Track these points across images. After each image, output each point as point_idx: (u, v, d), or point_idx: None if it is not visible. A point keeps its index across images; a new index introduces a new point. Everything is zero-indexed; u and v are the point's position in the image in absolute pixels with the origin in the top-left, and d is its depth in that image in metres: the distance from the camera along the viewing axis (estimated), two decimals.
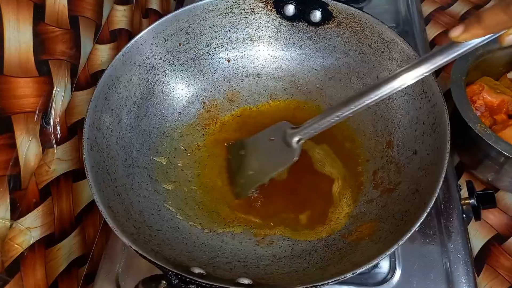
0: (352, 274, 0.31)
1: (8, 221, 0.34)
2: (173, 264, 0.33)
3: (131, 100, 0.44)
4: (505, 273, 0.48)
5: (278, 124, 0.43)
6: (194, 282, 0.30)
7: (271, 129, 0.44)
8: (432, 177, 0.36)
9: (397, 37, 0.43)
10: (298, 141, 0.40)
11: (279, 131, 0.42)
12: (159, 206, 0.41)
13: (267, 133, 0.44)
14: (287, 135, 0.41)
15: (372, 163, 0.44)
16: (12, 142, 0.33)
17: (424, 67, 0.33)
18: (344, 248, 0.38)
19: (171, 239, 0.38)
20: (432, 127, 0.39)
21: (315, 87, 0.50)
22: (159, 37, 0.45)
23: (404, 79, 0.34)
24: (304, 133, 0.40)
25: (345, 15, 0.46)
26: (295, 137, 0.40)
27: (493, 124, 0.51)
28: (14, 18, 0.32)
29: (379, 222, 0.38)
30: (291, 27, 0.49)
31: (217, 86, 0.50)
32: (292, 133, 0.40)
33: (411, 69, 0.33)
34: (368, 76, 0.47)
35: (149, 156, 0.44)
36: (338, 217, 0.41)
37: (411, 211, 0.36)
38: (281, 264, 0.38)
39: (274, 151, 0.42)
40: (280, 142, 0.41)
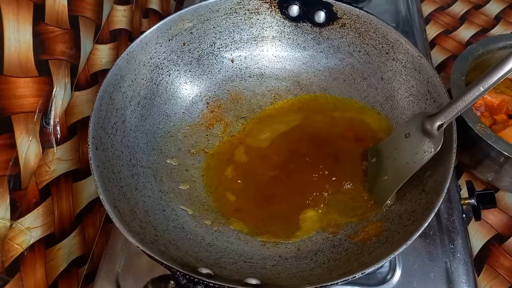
0: (361, 274, 0.31)
1: (8, 221, 0.33)
2: (180, 264, 0.32)
3: (135, 100, 0.44)
4: (505, 273, 0.48)
5: (413, 117, 0.40)
6: (202, 282, 0.30)
7: (405, 124, 0.41)
8: (439, 177, 0.36)
9: (401, 38, 0.43)
10: (439, 126, 0.37)
11: (415, 123, 0.39)
12: (164, 206, 0.41)
13: (402, 130, 0.40)
14: (425, 124, 0.37)
15: None
16: (12, 142, 0.33)
17: None
18: (350, 248, 0.38)
19: (176, 239, 0.38)
20: None
21: (319, 87, 0.50)
22: (163, 36, 0.45)
23: None
24: (445, 116, 0.36)
25: (350, 16, 0.46)
26: (435, 123, 0.36)
27: (493, 124, 0.51)
28: (14, 18, 0.32)
29: (386, 223, 0.38)
30: (295, 27, 0.49)
31: (220, 86, 0.50)
32: (431, 120, 0.37)
33: None
34: (373, 77, 0.47)
35: (153, 156, 0.44)
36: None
37: (418, 211, 0.35)
38: (288, 265, 0.37)
39: (412, 146, 0.39)
40: (418, 135, 0.38)
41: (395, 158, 0.40)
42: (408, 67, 0.43)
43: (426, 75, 0.41)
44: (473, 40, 0.70)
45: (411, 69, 0.43)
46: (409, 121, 0.40)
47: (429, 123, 0.37)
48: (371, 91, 0.47)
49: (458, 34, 0.71)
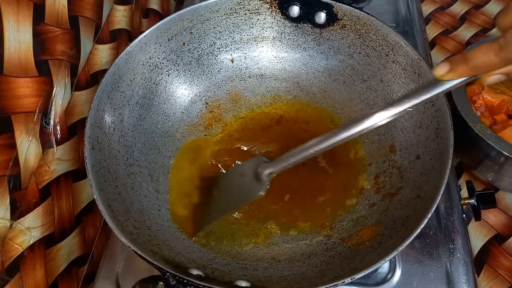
0: (350, 279, 0.31)
1: (8, 221, 0.34)
2: (171, 265, 0.33)
3: (133, 100, 0.44)
4: (505, 273, 0.48)
5: (253, 159, 0.42)
6: (191, 284, 0.30)
7: (244, 164, 0.43)
8: (434, 182, 0.35)
9: (402, 40, 0.43)
10: (269, 174, 0.38)
11: (251, 165, 0.40)
12: (160, 206, 0.41)
13: (239, 168, 0.42)
14: (258, 168, 0.39)
15: (374, 167, 0.44)
16: (12, 142, 0.33)
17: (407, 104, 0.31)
18: (344, 252, 0.38)
19: (170, 239, 0.38)
20: (435, 132, 0.39)
21: (318, 89, 0.50)
22: (163, 36, 0.45)
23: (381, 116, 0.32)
24: (277, 166, 0.38)
25: (350, 18, 0.45)
26: (266, 170, 0.38)
27: (493, 124, 0.51)
28: (14, 18, 0.32)
29: (380, 227, 0.38)
30: (295, 28, 0.49)
31: (220, 86, 0.50)
32: (265, 166, 0.38)
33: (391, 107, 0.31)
34: (372, 79, 0.46)
35: (150, 155, 0.44)
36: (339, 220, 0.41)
37: (412, 216, 0.35)
38: (280, 267, 0.38)
39: (242, 186, 0.40)
40: (250, 175, 0.39)
41: (225, 193, 0.42)
42: (408, 70, 0.43)
43: (425, 78, 0.41)
44: (473, 40, 0.69)
45: (411, 72, 0.42)
46: (248, 163, 0.42)
47: (262, 169, 0.38)
48: (371, 93, 0.47)
49: (458, 34, 0.71)
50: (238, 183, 0.41)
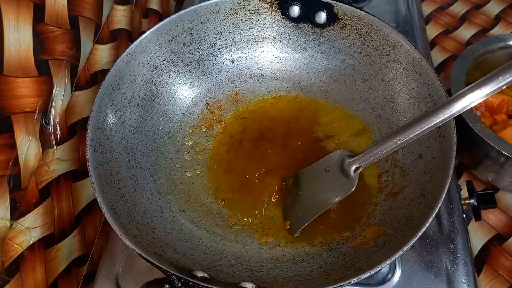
0: (356, 279, 0.31)
1: (8, 221, 0.34)
2: (176, 267, 0.32)
3: (134, 101, 0.43)
4: (505, 273, 0.48)
5: (335, 153, 0.41)
6: (197, 286, 0.30)
7: (327, 158, 0.42)
8: (438, 181, 0.35)
9: (403, 40, 0.43)
10: (356, 169, 0.38)
11: (335, 160, 0.40)
12: (162, 208, 0.41)
13: (323, 163, 0.42)
14: (344, 164, 0.39)
15: (376, 166, 0.44)
16: (12, 142, 0.33)
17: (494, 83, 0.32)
18: (348, 252, 0.37)
19: (174, 241, 0.38)
20: (438, 131, 0.39)
21: (319, 89, 0.50)
22: (163, 37, 0.45)
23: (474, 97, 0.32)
24: (362, 161, 0.37)
25: (351, 17, 0.45)
26: (353, 166, 0.38)
27: (493, 124, 0.51)
28: (14, 18, 0.32)
29: (384, 227, 0.38)
30: (296, 28, 0.49)
31: (221, 87, 0.50)
32: (350, 162, 0.38)
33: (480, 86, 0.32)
34: (373, 79, 0.46)
35: (152, 157, 0.44)
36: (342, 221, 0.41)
37: (416, 216, 0.35)
38: (285, 268, 0.37)
39: (330, 181, 0.40)
40: (337, 172, 0.39)
41: (312, 190, 0.41)
42: (409, 69, 0.43)
43: (427, 78, 0.41)
44: (473, 40, 0.70)
45: (412, 71, 0.42)
46: (331, 156, 0.41)
47: (347, 164, 0.38)
48: (372, 92, 0.47)
49: (458, 34, 0.71)
50: (324, 178, 0.41)
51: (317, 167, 0.42)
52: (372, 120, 0.46)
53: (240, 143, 0.47)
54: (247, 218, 0.42)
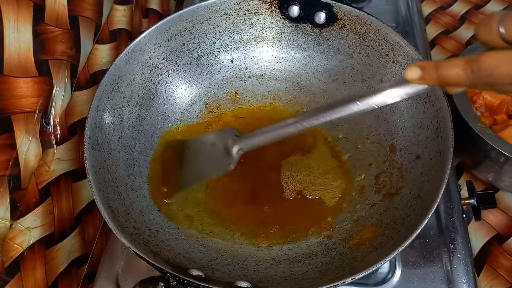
0: (351, 279, 0.31)
1: (8, 221, 0.34)
2: (171, 265, 0.33)
3: (133, 100, 0.44)
4: (505, 273, 0.48)
5: (224, 130, 0.42)
6: (192, 285, 0.30)
7: (215, 134, 0.43)
8: (435, 182, 0.35)
9: (402, 40, 0.43)
10: (238, 151, 0.39)
11: (223, 137, 0.41)
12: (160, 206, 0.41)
13: (211, 137, 0.43)
14: (228, 143, 0.39)
15: (374, 167, 0.44)
16: (12, 142, 0.33)
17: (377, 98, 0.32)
18: (344, 252, 0.38)
19: (170, 240, 0.38)
20: (435, 132, 0.39)
21: (318, 89, 0.50)
22: (162, 37, 0.45)
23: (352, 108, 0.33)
24: (245, 144, 0.39)
25: (350, 17, 0.45)
26: (235, 146, 0.39)
27: (493, 124, 0.51)
28: (14, 18, 0.32)
29: (380, 227, 0.38)
30: (295, 28, 0.49)
31: (220, 86, 0.50)
32: (234, 142, 0.39)
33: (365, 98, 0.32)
34: (372, 79, 0.46)
35: (150, 156, 0.44)
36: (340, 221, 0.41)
37: (412, 216, 0.35)
38: (281, 268, 0.38)
39: (212, 156, 0.41)
40: (220, 149, 0.40)
41: (195, 160, 0.42)
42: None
43: None
44: (473, 40, 0.69)
45: None
46: (220, 132, 0.42)
47: (232, 143, 0.39)
48: None
49: (458, 34, 0.71)
50: (209, 152, 0.42)
51: (204, 140, 0.43)
52: (370, 121, 0.46)
53: None
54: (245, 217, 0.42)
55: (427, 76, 0.28)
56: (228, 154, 0.39)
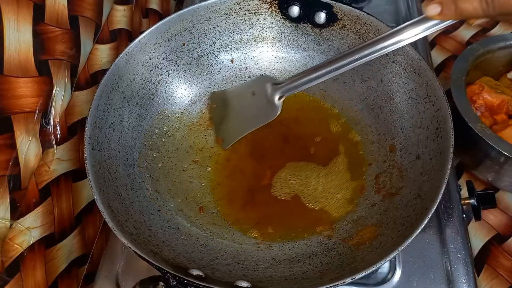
0: (351, 279, 0.31)
1: (8, 221, 0.34)
2: (171, 265, 0.33)
3: (133, 100, 0.44)
4: (505, 273, 0.48)
5: (261, 78, 0.44)
6: (192, 284, 0.30)
7: (253, 82, 0.44)
8: (435, 182, 0.35)
9: None
10: (280, 98, 0.40)
11: (261, 85, 0.42)
12: (160, 206, 0.41)
13: (250, 86, 0.44)
14: (269, 91, 0.41)
15: (374, 167, 0.44)
16: (12, 142, 0.33)
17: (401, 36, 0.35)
18: (344, 252, 0.38)
19: (170, 240, 0.38)
20: (435, 132, 0.39)
21: (318, 89, 0.50)
22: (162, 36, 0.45)
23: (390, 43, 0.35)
24: (286, 90, 0.40)
25: (350, 18, 0.45)
26: (276, 94, 0.40)
27: (493, 124, 0.51)
28: (14, 18, 0.32)
29: (380, 227, 0.38)
30: (295, 28, 0.49)
31: (220, 86, 0.50)
32: (274, 89, 0.40)
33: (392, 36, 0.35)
34: (372, 79, 0.46)
35: (150, 156, 0.44)
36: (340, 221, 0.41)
37: (412, 216, 0.35)
38: (281, 267, 0.38)
39: (255, 105, 0.42)
40: (262, 97, 0.41)
41: (239, 110, 0.44)
42: (408, 70, 0.43)
43: (425, 78, 0.41)
44: (473, 40, 0.69)
45: (411, 71, 0.42)
46: (256, 80, 0.44)
47: (272, 91, 0.41)
48: (371, 93, 0.47)
49: (458, 34, 0.71)
50: (251, 101, 0.43)
51: (244, 89, 0.45)
52: (370, 121, 0.46)
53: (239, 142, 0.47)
54: (245, 217, 0.42)
55: (446, 11, 0.30)
56: (270, 102, 0.40)
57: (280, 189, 0.44)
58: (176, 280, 0.30)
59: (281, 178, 0.44)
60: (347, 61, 0.37)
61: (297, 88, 0.40)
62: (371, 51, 0.35)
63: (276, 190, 0.44)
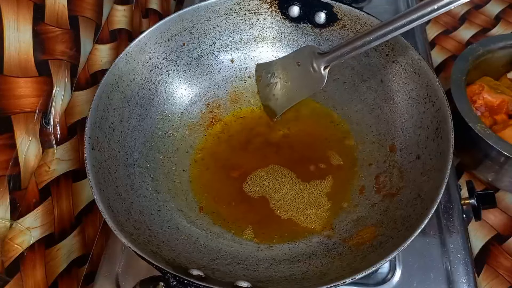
0: (351, 279, 0.31)
1: (8, 221, 0.34)
2: (172, 265, 0.33)
3: (133, 100, 0.44)
4: (505, 273, 0.48)
5: (306, 47, 0.44)
6: (192, 284, 0.30)
7: (298, 52, 0.45)
8: (435, 182, 0.35)
9: (402, 40, 0.43)
10: (325, 67, 0.41)
11: (306, 54, 0.43)
12: (160, 206, 0.41)
13: (295, 56, 0.45)
14: (314, 61, 0.42)
15: (374, 167, 0.44)
16: (12, 142, 0.33)
17: None
18: (344, 252, 0.38)
19: (170, 240, 0.38)
20: (435, 132, 0.39)
21: None
22: (162, 36, 0.45)
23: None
24: (330, 59, 0.41)
25: (350, 18, 0.45)
26: (322, 63, 0.41)
27: (493, 124, 0.51)
28: (14, 18, 0.32)
29: (380, 227, 0.38)
30: (295, 28, 0.49)
31: (220, 86, 0.50)
32: (319, 59, 0.41)
33: None
34: (372, 79, 0.46)
35: (150, 156, 0.44)
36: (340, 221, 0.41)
37: (413, 216, 0.35)
38: (281, 268, 0.37)
39: (302, 76, 0.44)
40: (307, 67, 0.42)
41: (286, 81, 0.46)
42: (408, 70, 0.43)
43: (425, 78, 0.41)
44: (473, 40, 0.69)
45: (411, 72, 0.42)
46: (301, 51, 0.45)
47: (317, 61, 0.42)
48: (371, 93, 0.47)
49: (458, 34, 0.71)
50: (297, 72, 0.44)
51: (289, 59, 0.46)
52: (370, 121, 0.46)
53: (239, 142, 0.47)
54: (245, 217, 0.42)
55: None
56: (316, 72, 0.41)
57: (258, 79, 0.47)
58: (176, 280, 0.30)
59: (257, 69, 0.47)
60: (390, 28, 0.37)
61: (342, 56, 0.40)
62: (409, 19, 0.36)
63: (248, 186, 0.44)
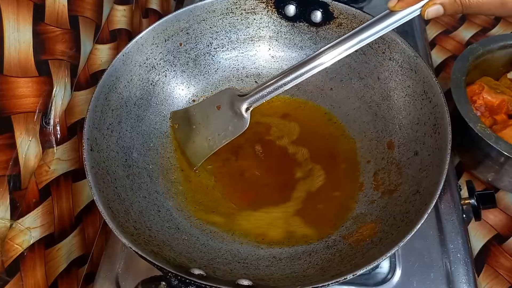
0: (352, 275, 0.31)
1: (8, 221, 0.34)
2: (173, 265, 0.33)
3: (131, 101, 0.44)
4: (505, 273, 0.48)
5: (225, 91, 0.44)
6: (193, 284, 0.30)
7: (217, 96, 0.44)
8: (433, 178, 0.36)
9: (398, 38, 0.43)
10: (247, 109, 0.40)
11: (226, 98, 0.42)
12: (159, 206, 0.41)
13: (213, 100, 0.44)
14: (235, 104, 0.40)
15: (373, 164, 0.44)
16: (12, 142, 0.33)
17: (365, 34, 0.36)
18: (344, 249, 0.38)
19: (171, 240, 0.38)
20: (433, 128, 0.39)
21: (315, 87, 0.50)
22: (159, 37, 0.46)
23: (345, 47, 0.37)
24: (252, 101, 0.40)
25: (346, 16, 0.46)
26: (243, 105, 0.40)
27: (493, 124, 0.51)
28: (14, 18, 0.32)
29: (380, 224, 0.38)
30: (291, 27, 0.49)
31: (217, 86, 0.50)
32: (240, 101, 0.40)
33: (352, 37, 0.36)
34: (369, 77, 0.47)
35: (149, 156, 0.44)
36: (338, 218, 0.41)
37: (412, 212, 0.35)
38: (281, 265, 0.38)
39: (223, 119, 0.42)
40: (228, 110, 0.41)
41: (205, 126, 0.44)
42: (404, 67, 0.43)
43: (422, 75, 0.41)
44: (473, 40, 0.69)
45: (407, 69, 0.43)
46: (220, 94, 0.44)
47: (238, 104, 0.41)
48: (368, 91, 0.47)
49: (458, 34, 0.71)
50: (216, 116, 0.43)
51: (208, 104, 0.44)
52: (368, 118, 0.46)
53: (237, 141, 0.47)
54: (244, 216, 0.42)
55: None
56: (237, 114, 0.40)
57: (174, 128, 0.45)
58: (178, 279, 0.30)
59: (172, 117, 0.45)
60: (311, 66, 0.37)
61: (264, 97, 0.40)
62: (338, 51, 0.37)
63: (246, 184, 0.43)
